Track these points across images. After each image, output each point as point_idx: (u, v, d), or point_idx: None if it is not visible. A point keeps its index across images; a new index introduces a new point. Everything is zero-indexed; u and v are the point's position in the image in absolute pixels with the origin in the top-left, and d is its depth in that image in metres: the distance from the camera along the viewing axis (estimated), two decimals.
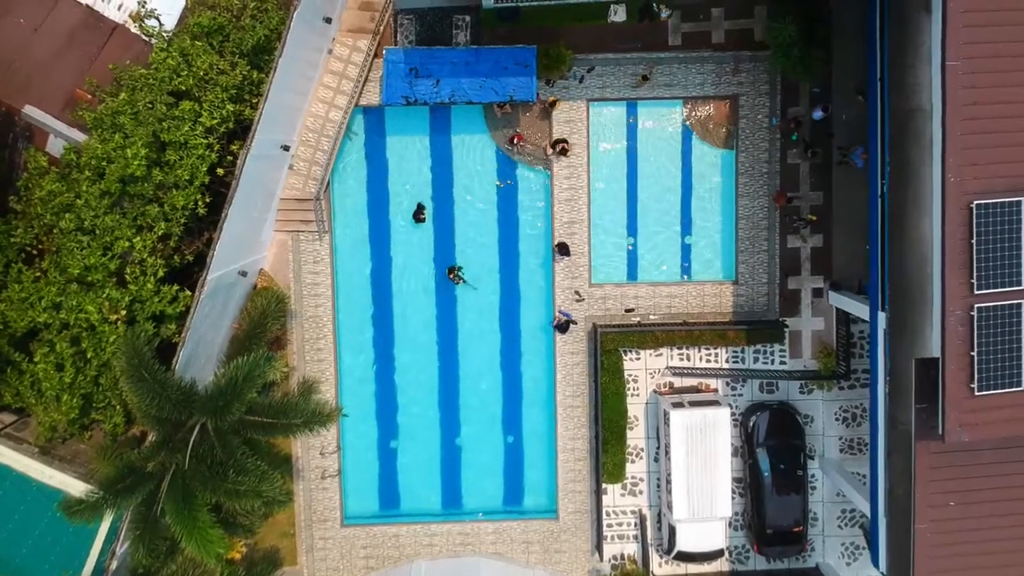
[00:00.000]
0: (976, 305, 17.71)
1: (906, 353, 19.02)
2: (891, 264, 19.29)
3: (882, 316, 20.82)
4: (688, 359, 25.06)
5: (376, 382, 25.53)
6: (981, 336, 17.66)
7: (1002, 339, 17.69)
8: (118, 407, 21.25)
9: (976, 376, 17.72)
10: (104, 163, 20.74)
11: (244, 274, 23.18)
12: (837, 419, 25.12)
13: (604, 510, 25.21)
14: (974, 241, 17.47)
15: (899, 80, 18.92)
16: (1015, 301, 17.85)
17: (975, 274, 17.56)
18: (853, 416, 25.16)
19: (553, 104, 23.96)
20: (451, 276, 24.80)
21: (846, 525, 25.48)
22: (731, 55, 24.06)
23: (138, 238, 20.79)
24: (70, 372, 20.80)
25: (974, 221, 17.40)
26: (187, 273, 22.33)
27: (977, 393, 17.76)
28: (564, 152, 24.25)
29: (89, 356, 20.79)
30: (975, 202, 17.41)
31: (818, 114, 23.76)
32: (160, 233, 21.08)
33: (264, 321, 22.15)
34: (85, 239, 20.77)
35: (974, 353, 17.69)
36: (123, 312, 20.50)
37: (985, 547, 19.26)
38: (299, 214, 24.27)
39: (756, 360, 25.01)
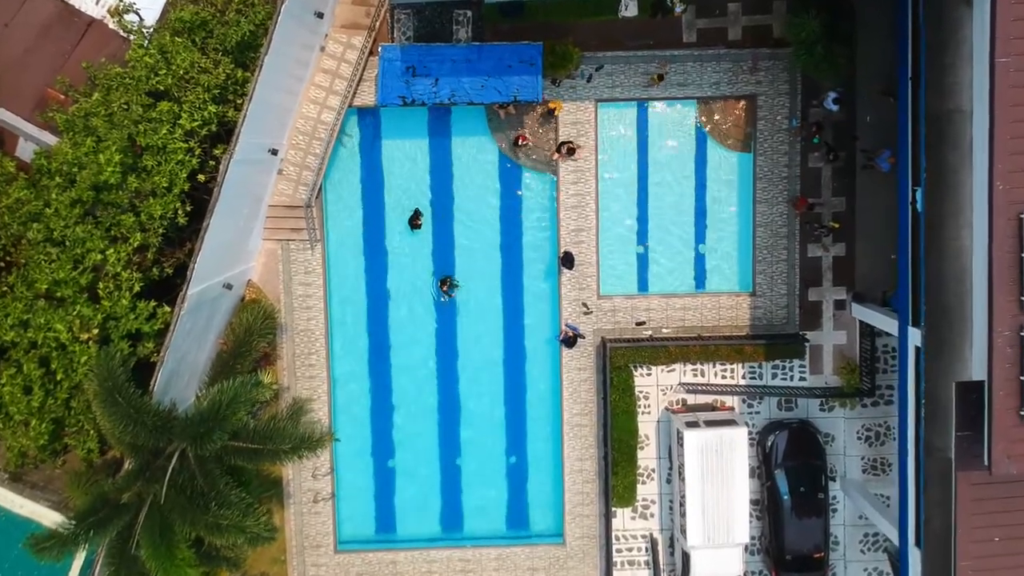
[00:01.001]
0: None
1: (944, 375, 17.86)
2: (927, 278, 18.13)
3: (913, 332, 19.68)
4: (702, 375, 24.07)
5: (372, 399, 24.54)
6: None
7: None
8: (92, 432, 20.08)
9: None
10: (75, 169, 19.49)
11: (229, 287, 22.02)
12: (859, 438, 24.11)
13: (614, 534, 24.29)
14: None
15: (937, 79, 17.73)
16: None
17: None
18: (876, 435, 24.12)
19: (553, 110, 23.02)
20: (444, 289, 23.65)
21: (869, 549, 24.48)
22: (749, 52, 23.04)
23: (112, 250, 19.61)
24: (39, 395, 19.69)
25: None
26: (167, 286, 21.07)
27: None
28: (572, 152, 23.25)
29: (59, 378, 19.68)
30: None
31: (831, 105, 22.47)
32: (136, 244, 19.93)
33: (249, 339, 20.99)
34: (54, 251, 19.60)
35: None
36: (95, 331, 19.29)
37: None
38: (289, 222, 23.35)
39: (774, 376, 24.01)
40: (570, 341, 23.78)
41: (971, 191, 17.28)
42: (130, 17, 22.27)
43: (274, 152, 22.22)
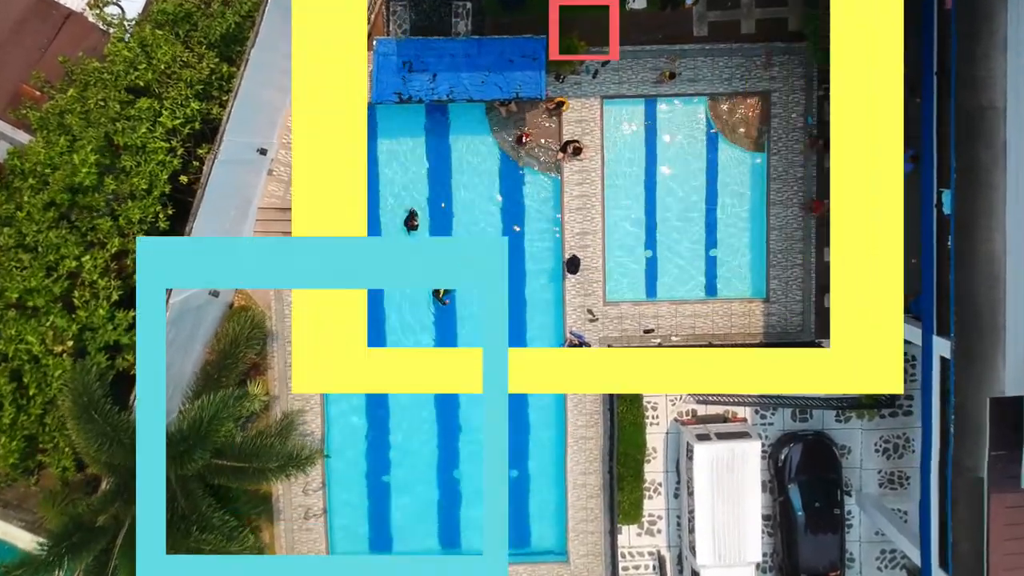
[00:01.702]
0: None
1: (975, 388, 16.86)
2: (957, 285, 17.15)
3: (938, 341, 18.61)
4: None
5: (367, 411, 23.66)
6: None
7: None
8: (67, 449, 18.99)
9: None
10: (48, 170, 18.43)
11: (216, 294, 20.92)
12: (876, 450, 23.21)
13: (619, 552, 23.46)
14: None
15: (968, 73, 16.71)
16: None
17: None
18: (895, 447, 23.21)
19: (559, 106, 22.13)
20: (439, 296, 22.84)
21: (887, 567, 23.65)
22: (762, 47, 22.13)
23: (88, 256, 18.59)
24: (9, 411, 18.64)
25: None
26: None
27: None
28: (577, 152, 22.34)
29: (32, 393, 18.63)
30: None
31: None
32: (114, 250, 18.93)
33: (236, 349, 19.95)
34: (26, 257, 18.57)
35: None
36: (70, 343, 18.26)
37: None
38: (280, 224, 22.34)
39: None
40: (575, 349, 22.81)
41: (1004, 193, 16.32)
42: (111, 9, 21.31)
43: (263, 152, 21.34)
